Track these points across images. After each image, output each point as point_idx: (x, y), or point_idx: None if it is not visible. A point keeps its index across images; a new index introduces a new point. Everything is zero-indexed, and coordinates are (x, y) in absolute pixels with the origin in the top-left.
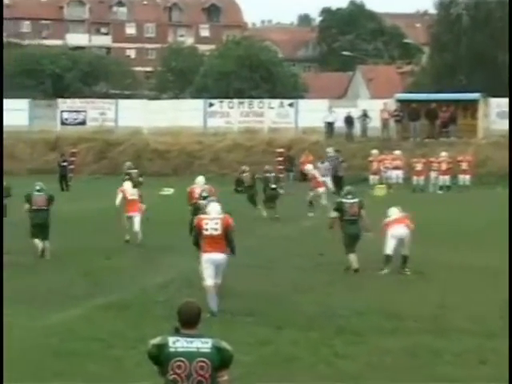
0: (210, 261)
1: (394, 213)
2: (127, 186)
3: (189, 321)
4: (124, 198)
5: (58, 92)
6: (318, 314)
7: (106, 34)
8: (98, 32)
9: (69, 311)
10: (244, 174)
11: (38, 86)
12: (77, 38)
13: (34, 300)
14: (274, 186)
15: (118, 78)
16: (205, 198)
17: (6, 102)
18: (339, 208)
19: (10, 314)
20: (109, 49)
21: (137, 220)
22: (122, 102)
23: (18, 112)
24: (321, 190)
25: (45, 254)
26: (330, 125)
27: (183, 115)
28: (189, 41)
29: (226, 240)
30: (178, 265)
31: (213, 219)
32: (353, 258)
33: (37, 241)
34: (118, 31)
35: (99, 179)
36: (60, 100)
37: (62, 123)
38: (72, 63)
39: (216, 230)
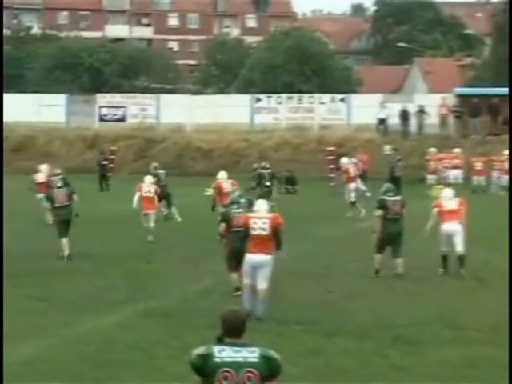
0: (251, 263)
1: (448, 195)
2: (147, 180)
3: (234, 329)
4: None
5: (97, 87)
6: (371, 323)
7: (148, 25)
8: (138, 23)
9: (107, 318)
10: (264, 171)
11: (75, 80)
12: (116, 30)
13: (70, 306)
14: (268, 183)
15: (160, 71)
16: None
17: (43, 98)
18: (383, 205)
19: (45, 320)
20: (150, 41)
21: (152, 218)
22: (164, 98)
23: (54, 108)
24: (352, 185)
25: (65, 252)
26: (382, 121)
27: (228, 111)
28: (234, 32)
29: (275, 241)
30: (221, 270)
31: (261, 218)
32: (378, 257)
33: (64, 241)
34: (160, 22)
35: (139, 179)
36: (98, 95)
37: (101, 119)
38: (111, 56)
39: (264, 230)
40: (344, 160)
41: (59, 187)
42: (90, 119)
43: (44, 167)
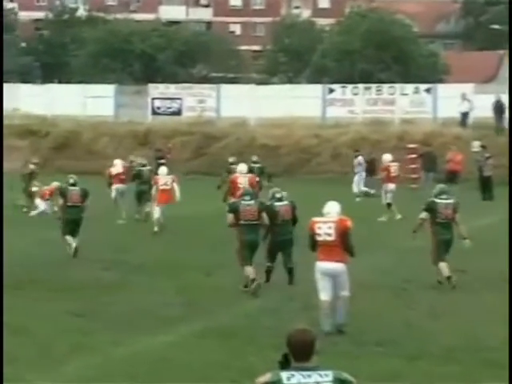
0: (323, 271)
1: None
2: (162, 172)
3: (303, 351)
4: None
5: (149, 76)
6: (458, 344)
7: (207, 5)
8: (196, 4)
9: (160, 337)
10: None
11: (125, 68)
12: (172, 12)
13: (118, 323)
14: (257, 179)
15: (220, 58)
16: (279, 199)
17: (88, 88)
18: (431, 208)
19: (89, 339)
20: (209, 24)
21: (162, 210)
22: (225, 88)
23: (101, 100)
24: (390, 186)
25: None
26: (464, 115)
27: (297, 103)
28: (305, 14)
29: (343, 246)
30: (295, 282)
31: (326, 223)
32: (443, 266)
33: (69, 237)
34: (221, 2)
35: (196, 179)
36: (151, 85)
37: (154, 113)
38: (166, 41)
39: (330, 235)
40: (386, 157)
41: (73, 184)
42: (142, 112)
43: (118, 161)
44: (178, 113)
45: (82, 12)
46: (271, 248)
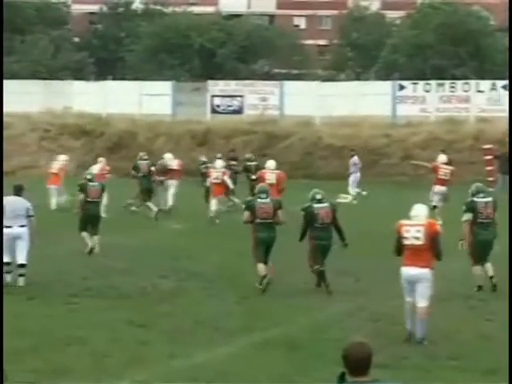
0: (406, 276)
1: None
2: (218, 165)
3: (359, 366)
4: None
5: (209, 72)
6: None
7: None
8: None
9: (219, 348)
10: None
11: (183, 64)
12: (233, 4)
13: (176, 334)
14: (254, 176)
15: (284, 53)
16: (319, 200)
17: (145, 85)
18: (471, 208)
19: (146, 350)
20: (272, 17)
21: (218, 201)
22: (289, 85)
23: (158, 97)
24: (438, 188)
25: (94, 249)
26: None
27: (366, 101)
28: (374, 6)
29: (432, 251)
30: (361, 291)
31: (414, 226)
32: (478, 271)
33: (86, 234)
34: None
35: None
36: (210, 82)
37: (213, 111)
38: (226, 35)
39: (418, 239)
40: (441, 157)
41: (91, 180)
42: (201, 111)
43: (168, 155)
44: (238, 111)
45: (137, 5)
46: (314, 251)
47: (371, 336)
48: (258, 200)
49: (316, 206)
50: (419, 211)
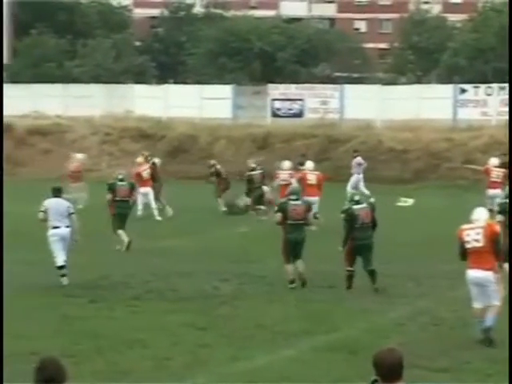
0: (472, 280)
1: None
2: (284, 166)
3: (391, 372)
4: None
5: (269, 76)
6: None
7: (330, 1)
8: (319, 0)
9: (280, 352)
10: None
11: (243, 68)
12: (293, 8)
13: (236, 337)
14: (258, 184)
15: (344, 57)
16: (357, 202)
17: (205, 89)
18: (504, 210)
19: (206, 353)
20: (333, 20)
21: None
22: (349, 88)
23: (219, 101)
24: (491, 192)
25: (118, 245)
26: None
27: (427, 104)
28: (435, 9)
29: (492, 252)
30: (422, 295)
31: (474, 229)
32: None
33: (122, 232)
34: None
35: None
36: (271, 86)
37: (274, 115)
38: (286, 39)
39: (478, 241)
40: (493, 160)
41: (121, 180)
42: (261, 114)
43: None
44: (299, 115)
45: (198, 9)
46: (350, 252)
47: (432, 340)
48: (290, 202)
49: (355, 207)
50: (480, 215)
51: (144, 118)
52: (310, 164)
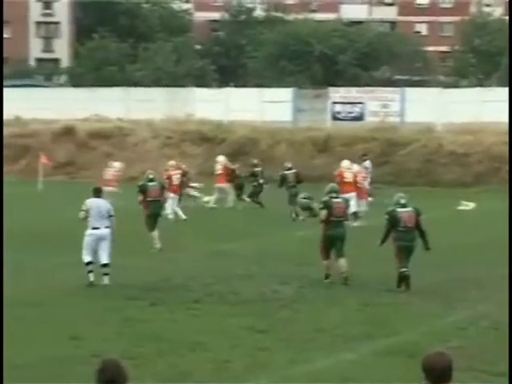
0: None
1: None
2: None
3: (442, 376)
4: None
5: (329, 79)
6: None
7: (391, 4)
8: (380, 2)
9: (340, 355)
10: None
11: (304, 71)
12: (354, 11)
13: (297, 340)
14: (293, 183)
15: (405, 60)
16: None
17: (266, 92)
18: None
19: (268, 355)
20: (393, 23)
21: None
22: (410, 92)
23: (279, 104)
24: None
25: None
26: None
27: (488, 107)
28: (497, 11)
29: None
30: (482, 299)
31: None
32: None
33: (155, 233)
34: (406, 1)
35: (380, 189)
36: (331, 89)
37: (334, 118)
38: (347, 42)
39: None
40: None
41: (151, 180)
42: (321, 117)
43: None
44: (359, 118)
45: (259, 12)
46: (399, 252)
47: (492, 344)
48: (333, 199)
49: (400, 210)
50: None
51: (204, 121)
52: (346, 162)
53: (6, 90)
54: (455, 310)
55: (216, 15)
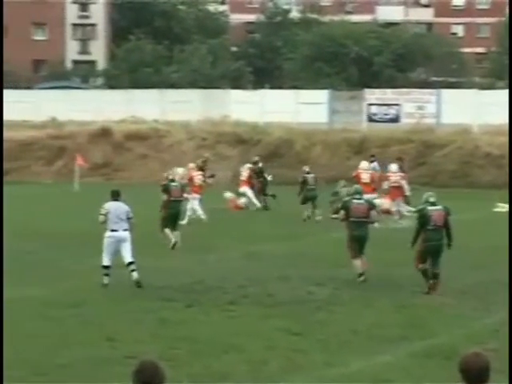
0: None
1: None
2: (394, 168)
3: (480, 376)
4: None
5: (365, 80)
6: None
7: (427, 5)
8: (416, 4)
9: (376, 358)
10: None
11: (339, 73)
12: (390, 12)
13: (332, 342)
14: (312, 186)
15: (441, 61)
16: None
17: (301, 94)
18: None
19: (304, 357)
20: (430, 25)
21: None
22: (446, 93)
23: (315, 106)
24: None
25: (178, 242)
26: None
27: None
28: None
29: None
30: None
31: None
32: None
33: (169, 231)
34: (442, 2)
35: (416, 190)
36: (367, 90)
37: (370, 120)
38: (383, 44)
39: None
40: None
41: (172, 180)
42: (357, 119)
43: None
44: (395, 119)
45: (294, 14)
46: (422, 252)
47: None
48: (354, 200)
49: (430, 208)
50: None
51: (240, 122)
52: (364, 164)
53: (43, 92)
54: (491, 313)
55: (252, 17)
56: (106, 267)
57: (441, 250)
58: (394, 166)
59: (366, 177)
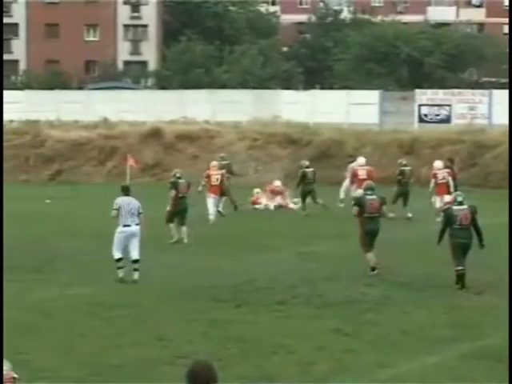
0: None
1: None
2: (438, 165)
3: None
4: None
5: (416, 81)
6: None
7: (479, 6)
8: (468, 4)
9: (425, 358)
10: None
11: (390, 73)
12: (441, 13)
13: (382, 343)
14: (311, 180)
15: (493, 62)
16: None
17: (352, 94)
18: None
19: (354, 358)
20: (482, 25)
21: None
22: (498, 94)
23: (365, 106)
24: None
25: (184, 239)
26: None
27: None
28: None
29: None
30: None
31: None
32: None
33: (173, 225)
34: (495, 2)
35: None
36: (418, 91)
37: (421, 120)
38: (434, 44)
39: None
40: None
41: (179, 177)
42: (408, 120)
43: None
44: (446, 120)
45: (346, 14)
46: (455, 250)
47: None
48: (367, 196)
49: (456, 207)
50: None
51: (291, 123)
52: (361, 160)
53: (94, 93)
54: None
55: (303, 17)
56: (120, 259)
57: (468, 249)
58: (438, 163)
59: (362, 173)
